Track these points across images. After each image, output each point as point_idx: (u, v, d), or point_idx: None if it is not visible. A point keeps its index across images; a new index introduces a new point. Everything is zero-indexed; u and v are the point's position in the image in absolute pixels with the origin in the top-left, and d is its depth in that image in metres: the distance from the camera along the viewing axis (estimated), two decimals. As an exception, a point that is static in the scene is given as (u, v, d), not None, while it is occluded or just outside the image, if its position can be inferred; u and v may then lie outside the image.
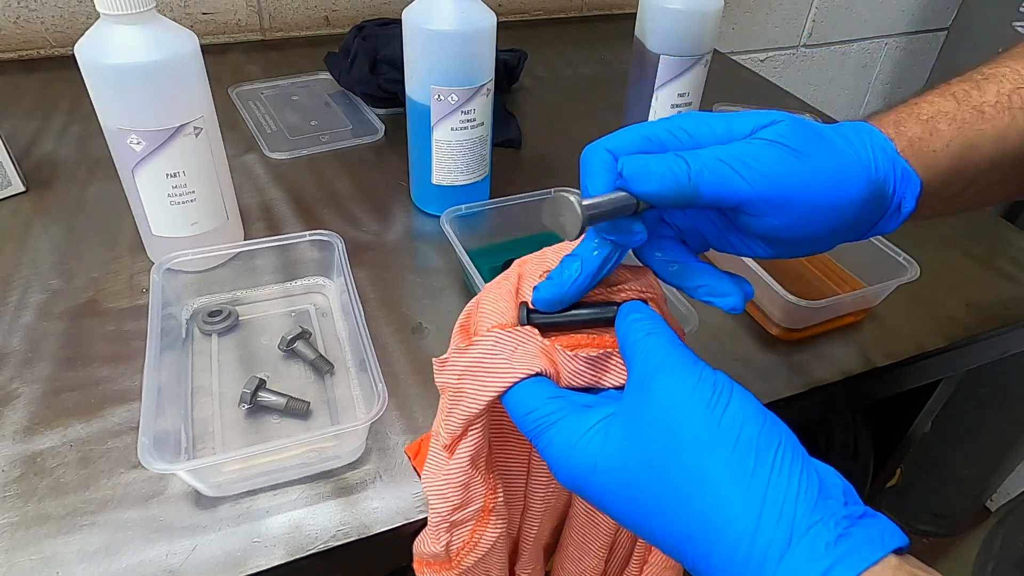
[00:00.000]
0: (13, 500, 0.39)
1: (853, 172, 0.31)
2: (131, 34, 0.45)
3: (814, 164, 0.30)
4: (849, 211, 0.32)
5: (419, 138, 0.60)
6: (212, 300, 0.53)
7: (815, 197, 0.30)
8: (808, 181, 0.30)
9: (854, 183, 0.31)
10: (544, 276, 0.33)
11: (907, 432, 0.75)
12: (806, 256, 0.37)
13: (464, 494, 0.33)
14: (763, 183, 0.30)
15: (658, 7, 0.66)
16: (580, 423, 0.28)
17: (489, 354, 0.30)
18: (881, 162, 0.32)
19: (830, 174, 0.31)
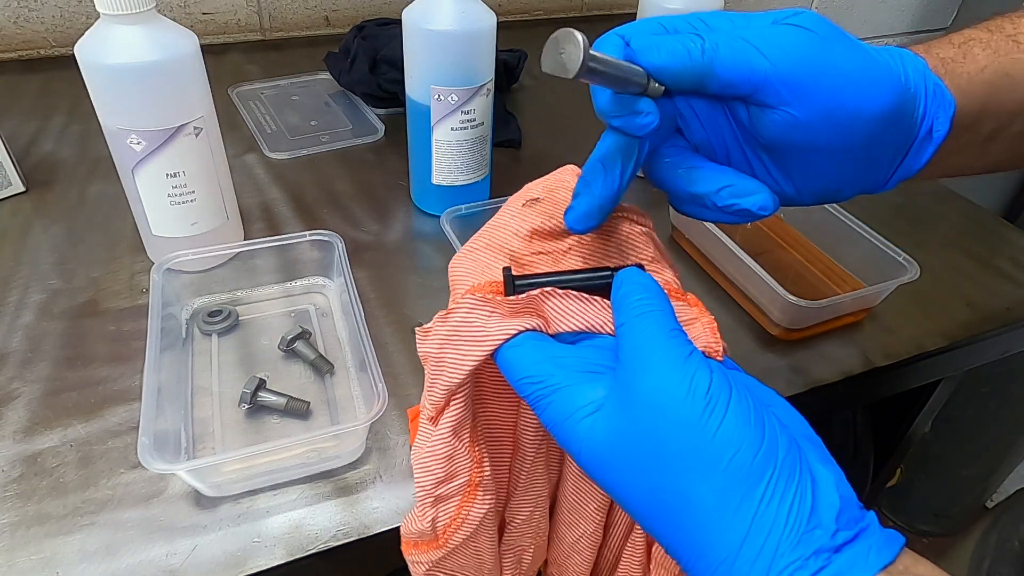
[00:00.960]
0: (13, 500, 0.39)
1: (881, 75, 0.28)
2: (131, 34, 0.45)
3: (840, 54, 0.28)
4: (876, 122, 0.28)
5: (419, 138, 0.60)
6: (212, 300, 0.53)
7: (839, 90, 0.27)
8: (833, 70, 0.27)
9: (882, 86, 0.28)
10: (529, 204, 0.31)
11: (907, 432, 0.75)
12: (822, 199, 0.33)
13: (448, 466, 0.32)
14: (785, 61, 0.27)
15: (658, 7, 0.66)
16: (571, 399, 0.26)
17: (466, 321, 0.29)
18: (912, 74, 0.30)
19: (857, 68, 0.28)
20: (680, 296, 0.31)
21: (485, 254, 0.32)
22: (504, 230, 0.32)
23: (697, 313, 0.30)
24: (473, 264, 0.32)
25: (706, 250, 0.60)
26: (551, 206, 0.32)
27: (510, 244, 0.32)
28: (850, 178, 0.32)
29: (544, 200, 0.32)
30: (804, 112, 0.28)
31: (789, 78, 0.27)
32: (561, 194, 0.32)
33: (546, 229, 0.32)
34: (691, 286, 0.58)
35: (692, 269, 0.60)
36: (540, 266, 0.32)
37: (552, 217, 0.31)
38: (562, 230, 0.31)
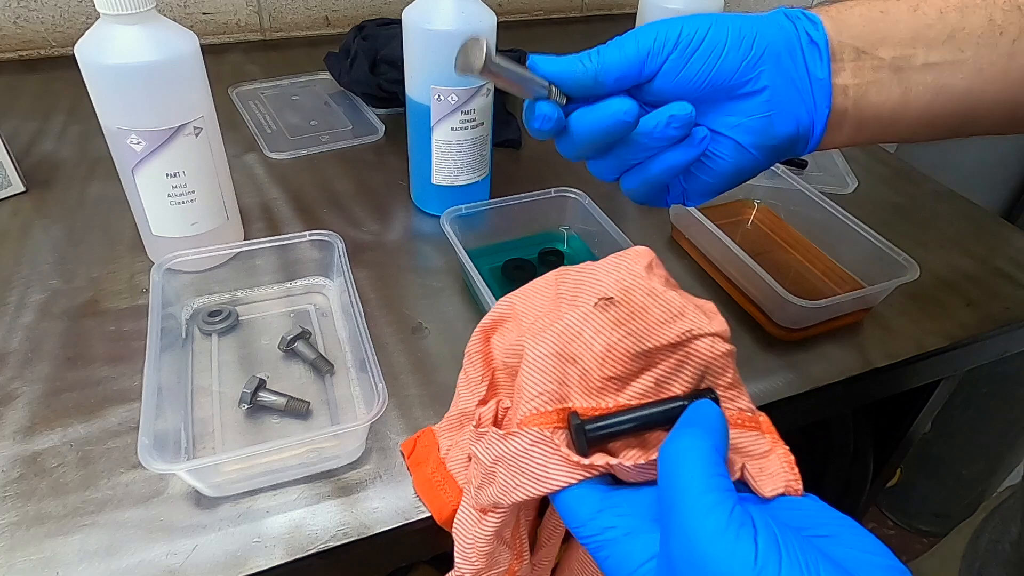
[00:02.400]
0: (13, 500, 0.39)
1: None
2: (131, 34, 0.45)
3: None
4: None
5: (419, 138, 0.60)
6: (212, 300, 0.53)
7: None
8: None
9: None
10: (603, 305, 0.30)
11: (907, 432, 0.75)
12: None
13: (488, 561, 0.32)
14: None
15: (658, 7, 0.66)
16: (629, 554, 0.25)
17: (527, 454, 0.28)
18: (769, 14, 0.35)
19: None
20: (753, 425, 0.30)
21: (554, 362, 0.29)
22: (577, 341, 0.29)
23: (771, 443, 0.29)
24: (540, 372, 0.30)
25: (706, 250, 0.60)
26: (628, 314, 0.29)
27: (583, 359, 0.29)
28: (773, 102, 0.35)
29: (620, 304, 0.30)
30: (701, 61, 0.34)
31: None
32: (638, 297, 0.30)
33: (621, 349, 0.29)
34: (691, 286, 0.58)
35: (692, 269, 0.60)
36: (608, 394, 0.29)
37: (630, 334, 0.29)
38: (639, 351, 0.29)
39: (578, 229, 0.61)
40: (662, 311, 0.30)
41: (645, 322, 0.29)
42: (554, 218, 0.61)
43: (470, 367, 0.36)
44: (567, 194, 0.58)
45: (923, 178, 0.77)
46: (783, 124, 0.35)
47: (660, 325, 0.29)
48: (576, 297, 0.31)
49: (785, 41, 0.35)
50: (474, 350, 0.36)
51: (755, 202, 0.67)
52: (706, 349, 0.30)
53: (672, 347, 0.29)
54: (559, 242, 0.61)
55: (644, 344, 0.29)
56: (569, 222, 0.61)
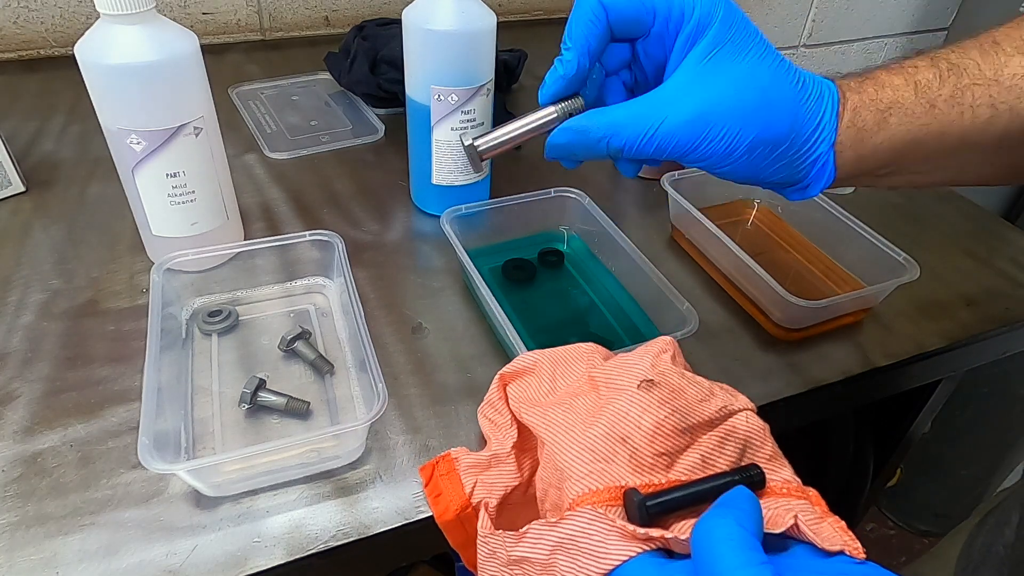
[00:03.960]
0: (13, 500, 0.39)
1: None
2: (131, 34, 0.45)
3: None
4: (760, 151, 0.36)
5: (419, 138, 0.60)
6: (212, 300, 0.53)
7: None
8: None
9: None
10: (645, 387, 0.31)
11: (907, 432, 0.75)
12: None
13: None
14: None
15: (658, 7, 0.66)
16: None
17: (585, 533, 0.28)
18: (808, 126, 0.36)
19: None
20: (801, 495, 0.30)
21: (603, 443, 0.31)
22: (625, 420, 0.31)
23: (821, 512, 0.30)
24: (591, 451, 0.31)
25: (706, 250, 0.60)
26: (669, 394, 0.32)
27: (632, 438, 0.31)
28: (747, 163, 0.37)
29: (660, 385, 0.32)
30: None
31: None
32: (674, 379, 0.32)
33: (669, 425, 0.31)
34: (691, 286, 0.58)
35: (692, 269, 0.60)
36: (659, 471, 0.31)
37: (676, 411, 0.31)
38: (685, 427, 0.31)
39: (578, 229, 0.61)
40: (696, 391, 0.32)
41: (685, 400, 0.32)
42: (554, 218, 0.61)
43: (495, 414, 0.38)
44: (567, 194, 0.58)
45: (923, 178, 0.77)
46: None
47: (698, 403, 0.32)
48: (615, 382, 0.33)
49: (794, 158, 0.37)
50: (495, 397, 0.38)
51: (755, 202, 0.67)
52: (743, 424, 0.32)
53: (712, 424, 0.32)
54: (559, 242, 0.61)
55: (688, 420, 0.31)
56: (569, 222, 0.61)
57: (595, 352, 0.37)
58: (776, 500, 0.30)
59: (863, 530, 1.44)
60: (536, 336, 0.52)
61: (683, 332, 0.45)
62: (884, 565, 0.26)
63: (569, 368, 0.37)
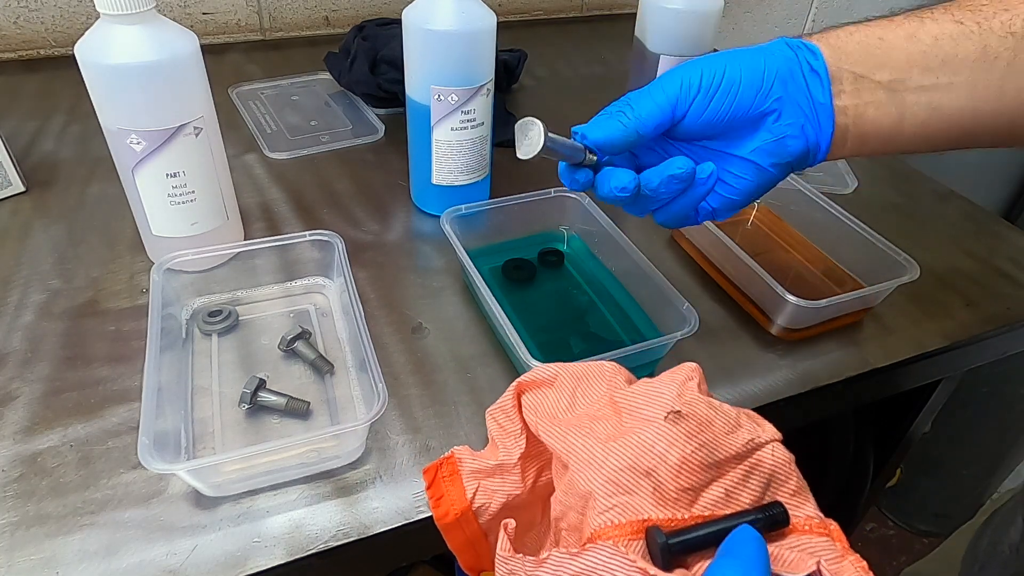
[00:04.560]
0: (13, 500, 0.39)
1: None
2: (131, 34, 0.45)
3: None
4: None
5: (419, 138, 0.60)
6: (212, 300, 0.53)
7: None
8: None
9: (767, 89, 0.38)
10: (672, 419, 0.31)
11: (907, 432, 0.75)
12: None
13: None
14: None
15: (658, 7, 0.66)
16: None
17: (606, 568, 0.28)
18: (771, 44, 0.39)
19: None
20: (823, 531, 0.31)
21: (627, 475, 0.31)
22: (650, 454, 0.31)
23: (842, 549, 0.30)
24: (614, 484, 0.31)
25: (706, 250, 0.60)
26: (697, 427, 0.31)
27: (657, 472, 0.31)
28: (783, 126, 0.39)
29: (688, 417, 0.31)
30: (720, 104, 0.39)
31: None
32: (702, 410, 0.32)
33: (695, 461, 0.31)
34: (691, 286, 0.58)
35: (692, 269, 0.60)
36: (683, 505, 0.31)
37: (703, 446, 0.31)
38: (711, 462, 0.31)
39: (578, 229, 0.61)
40: (723, 422, 0.32)
41: (712, 433, 0.31)
42: (554, 218, 0.61)
43: (507, 421, 0.38)
44: (567, 194, 0.58)
45: (923, 178, 0.77)
46: (794, 143, 0.39)
47: (725, 436, 0.31)
48: (640, 411, 0.33)
49: (789, 70, 0.38)
50: (509, 405, 0.37)
51: (755, 202, 0.67)
52: (769, 457, 0.32)
53: (738, 458, 0.31)
54: (559, 242, 0.61)
55: (715, 456, 0.31)
56: (569, 222, 0.61)
57: (617, 373, 0.36)
58: (798, 538, 0.30)
59: (863, 530, 1.44)
60: (536, 336, 0.52)
61: (683, 332, 0.45)
62: (884, 565, 0.26)
63: (590, 387, 0.36)
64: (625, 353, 0.44)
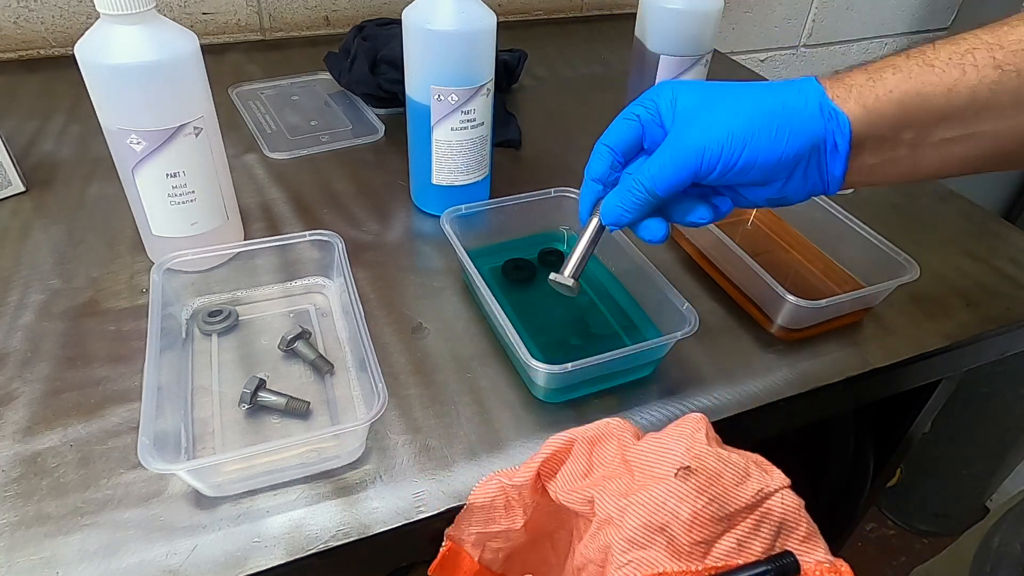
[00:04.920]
0: (13, 500, 0.39)
1: (784, 122, 0.37)
2: (131, 34, 0.45)
3: (748, 121, 0.37)
4: (789, 157, 0.38)
5: (419, 138, 0.60)
6: (212, 300, 0.53)
7: (757, 153, 0.38)
8: (748, 144, 0.37)
9: (786, 131, 0.37)
10: (683, 475, 0.32)
11: (907, 432, 0.75)
12: (775, 204, 0.42)
13: None
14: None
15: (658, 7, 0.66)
16: None
17: None
18: (809, 104, 0.37)
19: (764, 127, 0.37)
20: (834, 574, 0.32)
21: (642, 532, 0.32)
22: (663, 510, 0.32)
23: None
24: (629, 541, 0.32)
25: (706, 250, 0.60)
26: (707, 481, 0.32)
27: (670, 528, 0.32)
28: (789, 190, 0.40)
29: (698, 472, 0.32)
30: (737, 176, 0.38)
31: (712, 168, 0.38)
32: (711, 463, 0.32)
33: (707, 515, 0.32)
34: (691, 286, 0.58)
35: (692, 269, 0.60)
36: (696, 557, 0.32)
37: (713, 500, 0.32)
38: (721, 515, 0.32)
39: (578, 229, 0.61)
40: (733, 474, 0.33)
41: (722, 487, 0.32)
42: (554, 218, 0.61)
43: (517, 496, 0.38)
44: (567, 194, 0.58)
45: (923, 178, 0.77)
46: (796, 197, 0.41)
47: (735, 488, 0.32)
48: (652, 468, 0.34)
49: (812, 146, 0.38)
50: (523, 482, 0.38)
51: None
52: (779, 506, 0.32)
53: (749, 508, 0.32)
54: (559, 242, 0.61)
55: (726, 508, 0.32)
56: (569, 222, 0.61)
57: (624, 430, 0.37)
58: None
59: (863, 530, 1.44)
60: (536, 336, 0.52)
61: (683, 332, 0.45)
62: (884, 565, 0.27)
63: (603, 449, 0.37)
64: (625, 353, 0.44)
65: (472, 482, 0.41)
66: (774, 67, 1.39)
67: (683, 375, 0.50)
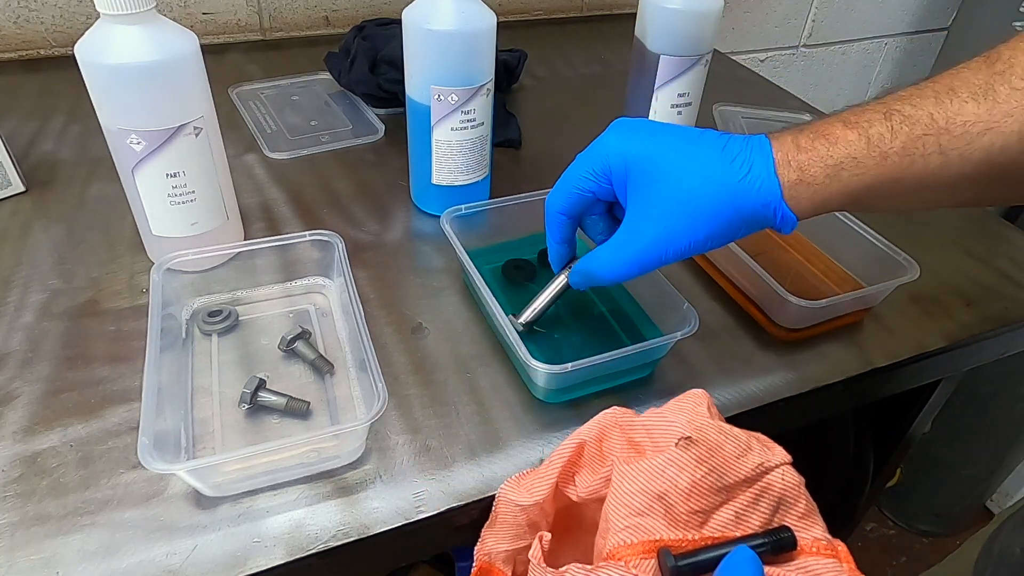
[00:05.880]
0: (13, 500, 0.39)
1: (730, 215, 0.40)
2: (131, 34, 0.45)
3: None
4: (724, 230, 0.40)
5: (419, 138, 0.60)
6: (212, 300, 0.53)
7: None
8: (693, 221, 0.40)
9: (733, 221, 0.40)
10: (683, 445, 0.32)
11: (907, 432, 0.75)
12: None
13: None
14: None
15: (658, 7, 0.66)
16: None
17: None
18: (755, 209, 0.39)
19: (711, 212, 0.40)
20: (830, 552, 0.32)
21: (640, 498, 0.32)
22: (662, 478, 0.32)
23: (849, 571, 0.31)
24: (626, 507, 0.32)
25: (706, 250, 0.59)
26: (707, 452, 0.32)
27: (669, 496, 0.32)
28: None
29: (698, 443, 0.32)
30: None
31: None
32: (712, 435, 0.33)
33: (705, 485, 0.32)
34: (691, 286, 0.58)
35: (692, 269, 0.60)
36: (693, 527, 0.32)
37: (712, 471, 0.32)
38: (721, 486, 0.32)
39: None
40: (734, 446, 0.33)
41: (723, 458, 0.32)
42: (554, 218, 0.60)
43: (537, 513, 0.38)
44: (567, 194, 0.58)
45: (923, 178, 0.77)
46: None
47: (735, 460, 0.32)
48: (656, 442, 0.34)
49: (760, 228, 0.41)
50: (542, 497, 0.38)
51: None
52: (779, 481, 0.33)
53: (748, 481, 0.32)
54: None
55: (724, 479, 0.32)
56: (569, 222, 0.61)
57: (624, 414, 0.37)
58: (805, 560, 0.31)
59: (863, 530, 1.44)
60: (536, 336, 0.52)
61: (683, 332, 0.45)
62: (884, 565, 0.27)
63: (610, 439, 0.37)
64: (625, 353, 0.44)
65: (472, 482, 0.42)
66: (774, 67, 1.39)
67: (683, 375, 0.50)
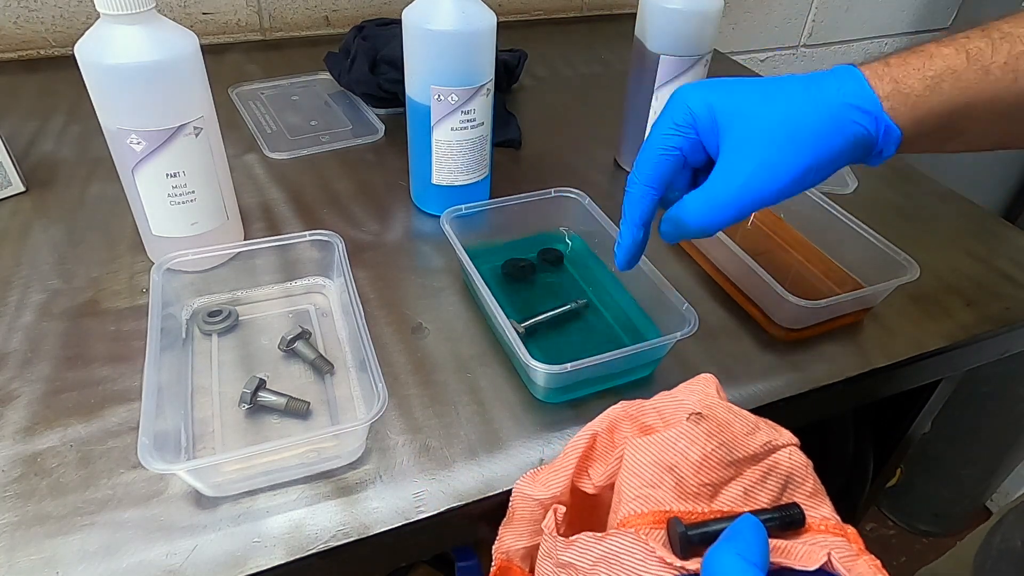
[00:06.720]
0: (13, 500, 0.39)
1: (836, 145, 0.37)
2: (131, 34, 0.45)
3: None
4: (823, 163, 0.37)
5: (419, 138, 0.60)
6: (212, 300, 0.53)
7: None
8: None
9: (841, 153, 0.37)
10: (694, 420, 0.33)
11: (907, 432, 0.75)
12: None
13: None
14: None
15: (658, 7, 0.66)
16: None
17: (628, 553, 0.30)
18: (857, 122, 0.36)
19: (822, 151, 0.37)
20: (839, 531, 0.32)
21: (651, 470, 0.32)
22: (673, 450, 0.32)
23: (857, 550, 0.31)
24: (638, 477, 0.32)
25: (706, 250, 0.60)
26: (717, 427, 0.33)
27: (679, 468, 0.32)
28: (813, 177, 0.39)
29: (708, 418, 0.33)
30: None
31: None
32: (721, 413, 0.33)
33: (715, 458, 0.32)
34: (691, 286, 0.58)
35: (692, 269, 0.60)
36: (703, 500, 0.32)
37: (722, 445, 0.32)
38: (730, 460, 0.32)
39: (578, 229, 0.61)
40: (742, 425, 0.34)
41: (732, 434, 0.33)
42: (554, 218, 0.61)
43: (542, 493, 0.38)
44: (567, 194, 0.58)
45: (923, 178, 0.77)
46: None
47: (744, 437, 0.33)
48: (666, 420, 0.35)
49: (861, 158, 0.38)
50: (559, 491, 0.38)
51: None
52: (786, 459, 0.33)
53: (756, 458, 0.33)
54: (559, 242, 0.61)
55: (734, 454, 0.32)
56: (569, 222, 0.61)
57: (633, 406, 0.38)
58: (813, 536, 0.31)
59: (863, 530, 1.44)
60: (536, 336, 0.52)
61: (683, 332, 0.45)
62: (884, 565, 0.27)
63: (621, 429, 0.38)
64: (625, 353, 0.44)
65: (472, 482, 0.42)
66: (774, 67, 1.39)
67: (683, 375, 0.50)
